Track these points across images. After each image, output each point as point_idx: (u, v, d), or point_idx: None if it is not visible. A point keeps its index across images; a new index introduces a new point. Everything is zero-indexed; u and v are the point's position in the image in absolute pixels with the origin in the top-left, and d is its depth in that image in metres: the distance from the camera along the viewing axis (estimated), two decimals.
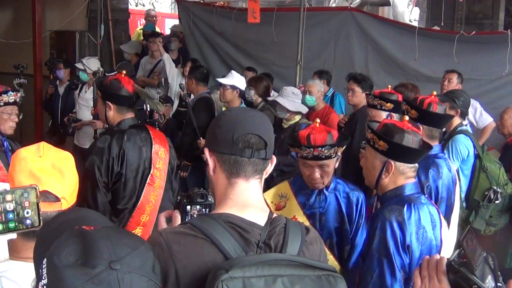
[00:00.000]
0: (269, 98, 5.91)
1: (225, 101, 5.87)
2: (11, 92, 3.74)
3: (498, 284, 1.67)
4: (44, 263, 1.07)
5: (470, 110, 5.79)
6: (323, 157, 2.86)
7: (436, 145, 3.38)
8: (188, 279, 1.47)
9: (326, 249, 2.85)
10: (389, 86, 4.41)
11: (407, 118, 2.60)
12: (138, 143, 3.65)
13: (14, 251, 1.58)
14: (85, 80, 6.96)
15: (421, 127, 3.31)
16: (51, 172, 1.62)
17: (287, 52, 7.63)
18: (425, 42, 7.13)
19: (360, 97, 5.28)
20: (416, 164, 2.52)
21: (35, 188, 1.49)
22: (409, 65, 7.23)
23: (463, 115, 4.60)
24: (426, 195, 3.17)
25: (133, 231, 3.55)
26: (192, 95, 6.43)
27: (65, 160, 1.70)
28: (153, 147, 3.72)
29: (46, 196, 1.65)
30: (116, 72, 6.86)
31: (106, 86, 3.64)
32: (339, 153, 2.58)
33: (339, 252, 3.10)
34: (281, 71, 7.86)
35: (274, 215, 1.69)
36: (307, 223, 2.91)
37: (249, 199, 1.65)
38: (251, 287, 1.36)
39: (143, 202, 3.67)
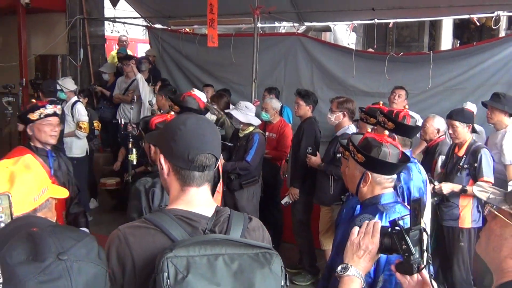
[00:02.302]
0: (226, 110, 5.90)
1: None
2: (49, 105, 3.54)
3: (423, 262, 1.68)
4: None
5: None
6: None
7: (406, 151, 3.20)
8: (142, 264, 1.47)
9: None
10: (381, 103, 4.24)
11: (387, 132, 2.40)
12: None
13: None
14: (63, 98, 6.85)
15: (396, 137, 3.21)
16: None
17: (243, 71, 7.60)
18: (361, 62, 7.22)
19: (305, 109, 5.28)
20: (394, 176, 2.35)
21: (8, 196, 1.48)
22: (348, 81, 7.32)
23: None
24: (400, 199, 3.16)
25: None
26: (161, 109, 6.41)
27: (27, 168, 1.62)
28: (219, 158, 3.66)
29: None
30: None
31: (182, 102, 3.59)
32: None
33: None
34: (239, 88, 7.86)
35: (221, 207, 1.68)
36: None
37: (198, 201, 1.63)
38: (194, 264, 1.35)
39: None
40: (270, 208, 5.93)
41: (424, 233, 1.72)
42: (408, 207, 2.36)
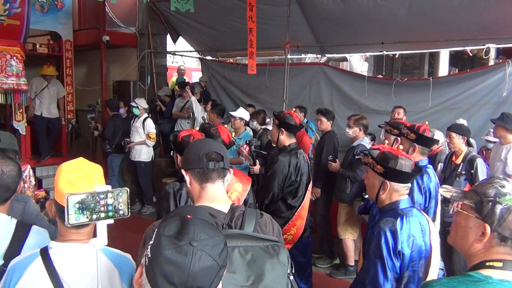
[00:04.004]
0: (262, 126, 5.96)
1: (235, 128, 5.86)
2: None
3: None
4: (156, 231, 1.14)
5: None
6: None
7: (425, 159, 3.33)
8: None
9: None
10: (404, 118, 4.19)
11: (401, 147, 2.30)
12: (305, 160, 3.59)
13: (60, 236, 1.58)
14: (137, 114, 7.01)
15: (416, 146, 3.26)
16: (83, 180, 1.56)
17: (276, 93, 7.62)
18: (372, 86, 7.14)
19: (326, 124, 5.24)
20: (409, 184, 2.24)
21: (127, 190, 1.54)
22: (361, 101, 7.24)
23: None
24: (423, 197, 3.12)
25: (295, 222, 3.56)
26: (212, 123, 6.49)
27: (94, 171, 1.63)
28: (310, 164, 3.70)
29: None
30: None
31: (282, 117, 3.56)
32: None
33: None
34: (272, 107, 7.82)
35: (235, 205, 1.66)
36: None
37: (216, 195, 1.62)
38: None
39: (305, 202, 3.61)
40: None
41: None
42: (424, 213, 2.26)
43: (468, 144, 4.43)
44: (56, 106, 7.79)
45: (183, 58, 10.93)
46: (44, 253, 1.52)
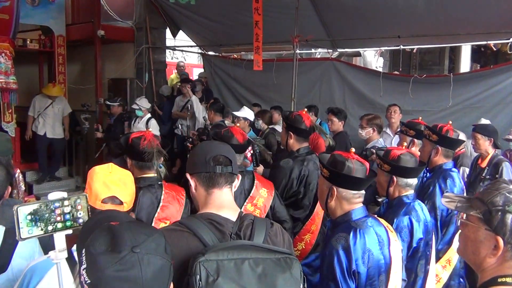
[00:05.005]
0: (270, 126, 5.94)
1: None
2: None
3: None
4: (83, 252, 1.08)
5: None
6: None
7: (450, 162, 3.25)
8: (178, 264, 1.42)
9: None
10: (420, 118, 4.11)
11: (353, 150, 2.22)
12: (315, 167, 3.47)
13: None
14: (140, 115, 7.00)
15: (439, 149, 3.21)
16: (118, 184, 1.64)
17: (284, 91, 7.57)
18: (387, 83, 7.12)
19: (337, 124, 5.26)
20: (362, 191, 2.14)
21: (86, 196, 1.52)
22: (376, 100, 7.22)
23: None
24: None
25: (303, 237, 3.46)
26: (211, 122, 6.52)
27: (127, 176, 1.73)
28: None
29: (114, 200, 1.69)
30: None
31: (290, 120, 3.45)
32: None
33: None
34: (280, 106, 7.88)
35: (244, 213, 1.66)
36: None
37: (223, 202, 1.63)
38: (223, 268, 1.33)
39: (315, 214, 3.49)
40: None
41: None
42: (381, 223, 2.16)
43: (496, 146, 4.39)
44: (61, 125, 7.80)
45: (183, 54, 10.98)
46: (69, 255, 1.55)
